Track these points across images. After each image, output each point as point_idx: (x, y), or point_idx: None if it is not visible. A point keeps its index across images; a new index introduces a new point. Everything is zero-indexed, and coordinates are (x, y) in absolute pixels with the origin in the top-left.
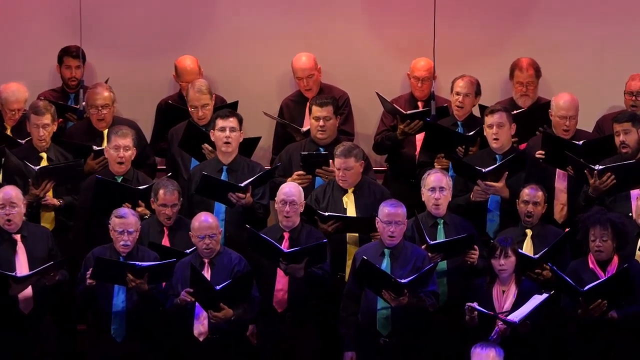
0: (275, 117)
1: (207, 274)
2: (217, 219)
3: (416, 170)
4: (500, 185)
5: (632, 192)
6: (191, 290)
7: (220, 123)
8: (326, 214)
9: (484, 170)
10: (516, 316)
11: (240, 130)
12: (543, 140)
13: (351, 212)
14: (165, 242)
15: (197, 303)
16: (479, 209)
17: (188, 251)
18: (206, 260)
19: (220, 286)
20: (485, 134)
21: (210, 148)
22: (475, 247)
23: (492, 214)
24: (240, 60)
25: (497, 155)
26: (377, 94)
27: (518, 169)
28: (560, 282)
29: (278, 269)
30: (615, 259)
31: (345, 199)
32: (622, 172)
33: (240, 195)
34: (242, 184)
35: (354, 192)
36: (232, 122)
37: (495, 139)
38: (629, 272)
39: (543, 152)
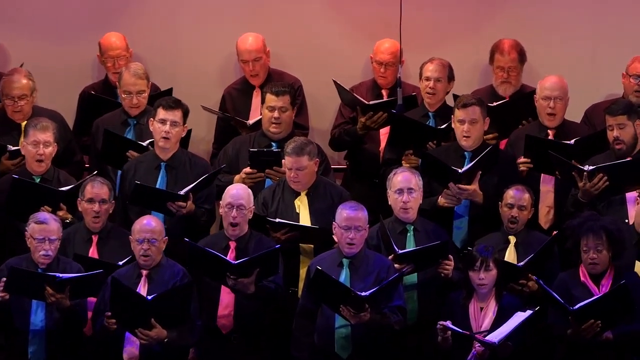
0: (216, 110)
1: (142, 289)
2: (162, 226)
3: (380, 169)
4: (473, 188)
5: (627, 195)
6: (109, 313)
7: (161, 114)
8: (278, 220)
9: (460, 171)
10: (496, 336)
11: (184, 124)
12: (527, 144)
13: (304, 217)
14: (94, 253)
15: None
16: (445, 215)
17: (121, 262)
18: (144, 273)
19: (153, 296)
20: (454, 127)
21: (135, 154)
22: (450, 257)
23: (460, 220)
24: (175, 42)
25: (465, 153)
26: (334, 81)
27: (490, 167)
28: (547, 299)
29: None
30: (611, 271)
31: (297, 202)
32: (616, 173)
33: (181, 204)
34: (182, 192)
35: (307, 194)
36: (175, 115)
37: (465, 137)
38: (627, 289)
39: (528, 160)
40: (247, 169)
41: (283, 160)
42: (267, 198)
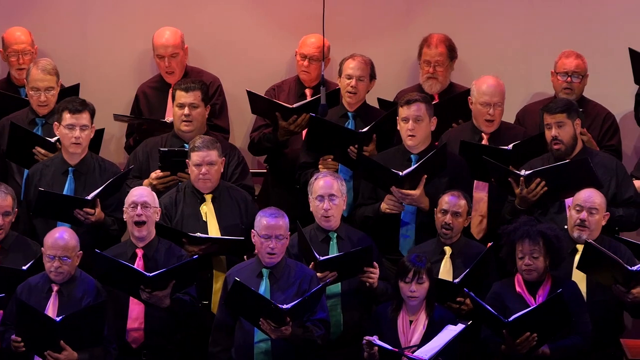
0: (130, 116)
1: (52, 306)
2: (77, 239)
3: (296, 173)
4: (418, 193)
5: (567, 201)
6: (17, 337)
7: (68, 118)
8: (198, 235)
9: (401, 174)
10: (426, 352)
11: (92, 124)
12: (461, 150)
13: (212, 224)
14: None
15: None
16: (390, 222)
17: (25, 268)
18: (55, 288)
19: (61, 317)
20: (398, 128)
21: (44, 152)
22: (375, 264)
23: (406, 228)
24: (85, 37)
25: (412, 155)
26: (248, 91)
27: (438, 170)
28: (479, 311)
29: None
30: (548, 280)
31: (203, 208)
32: (554, 177)
33: (89, 210)
34: (90, 196)
35: (213, 199)
36: (83, 118)
37: (411, 136)
38: (563, 300)
39: None
40: (157, 173)
41: (188, 160)
42: (169, 207)
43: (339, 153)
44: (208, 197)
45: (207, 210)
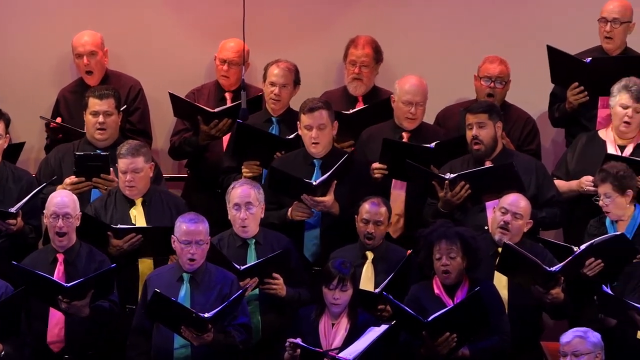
0: (52, 120)
1: None
2: None
3: (219, 178)
4: (330, 200)
5: (487, 203)
6: None
7: None
8: (120, 227)
9: (315, 183)
10: (350, 353)
11: (7, 134)
12: (383, 149)
13: None
14: None
15: None
16: (294, 227)
17: None
18: None
19: None
20: (300, 134)
21: None
22: (276, 275)
23: (311, 232)
24: (5, 43)
25: (315, 161)
26: (170, 94)
27: (344, 175)
28: (398, 314)
29: None
30: (466, 282)
31: (133, 212)
32: (478, 180)
33: (11, 221)
34: (14, 209)
35: (143, 203)
36: None
37: (315, 144)
38: (480, 298)
39: (384, 167)
40: (72, 179)
41: (114, 167)
42: (99, 210)
43: (265, 159)
44: (138, 201)
45: (137, 214)
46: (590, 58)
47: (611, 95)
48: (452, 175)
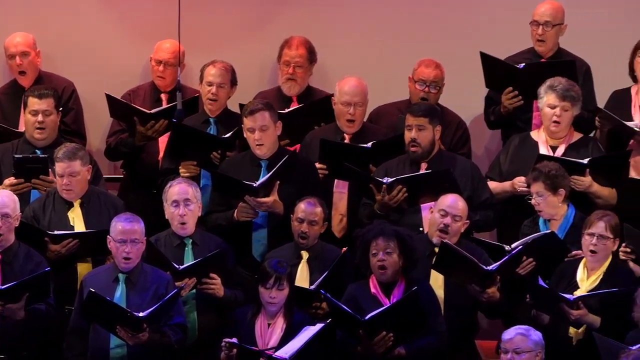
0: None
1: None
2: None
3: (158, 179)
4: (272, 200)
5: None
6: None
7: None
8: (57, 233)
9: (255, 185)
10: (286, 352)
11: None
12: (322, 149)
13: (80, 230)
14: None
15: None
16: (242, 228)
17: None
18: None
19: None
20: (245, 137)
21: None
22: (213, 275)
23: (258, 232)
24: None
25: (262, 161)
26: (107, 95)
27: (288, 175)
28: (335, 312)
29: None
30: (402, 282)
31: (71, 214)
32: (415, 185)
33: None
34: None
35: (81, 205)
36: None
37: (259, 145)
38: (417, 297)
39: (324, 167)
40: (11, 180)
41: (52, 168)
42: (38, 211)
43: (202, 159)
44: (76, 203)
45: (75, 216)
46: (524, 64)
47: (539, 97)
48: (390, 180)
